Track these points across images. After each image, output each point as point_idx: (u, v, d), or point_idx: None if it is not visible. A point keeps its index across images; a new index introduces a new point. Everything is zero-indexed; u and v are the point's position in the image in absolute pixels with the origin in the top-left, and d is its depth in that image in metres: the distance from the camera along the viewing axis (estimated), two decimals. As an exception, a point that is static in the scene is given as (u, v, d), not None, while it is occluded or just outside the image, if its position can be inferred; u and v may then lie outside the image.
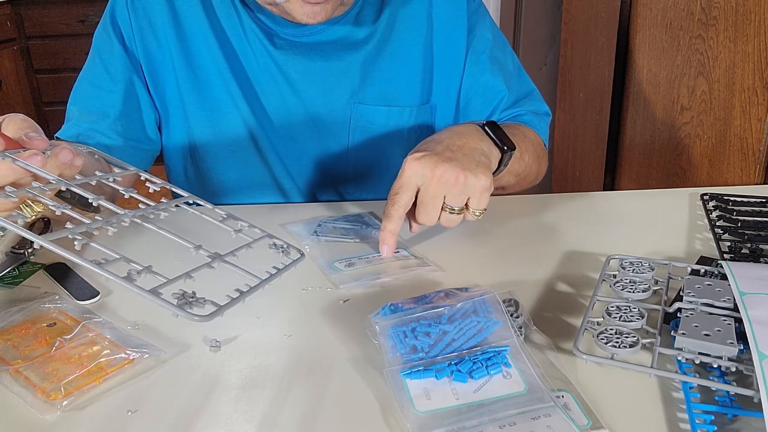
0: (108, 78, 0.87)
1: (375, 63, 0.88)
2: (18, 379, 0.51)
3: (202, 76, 0.87)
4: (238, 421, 0.47)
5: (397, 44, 0.88)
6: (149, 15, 0.86)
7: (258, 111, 0.89)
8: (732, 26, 1.48)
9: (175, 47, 0.86)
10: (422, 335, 0.53)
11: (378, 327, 0.54)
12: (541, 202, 0.87)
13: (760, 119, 1.46)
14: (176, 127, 0.91)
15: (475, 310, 0.55)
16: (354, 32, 0.86)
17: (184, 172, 0.95)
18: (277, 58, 0.86)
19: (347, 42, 0.87)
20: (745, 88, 1.47)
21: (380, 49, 0.88)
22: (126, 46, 0.87)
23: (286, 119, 0.89)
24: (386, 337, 0.53)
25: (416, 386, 0.48)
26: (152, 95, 0.90)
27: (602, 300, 0.58)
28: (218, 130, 0.90)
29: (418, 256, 0.71)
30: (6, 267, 0.70)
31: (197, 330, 0.58)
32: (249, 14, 0.85)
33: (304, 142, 0.91)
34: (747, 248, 0.68)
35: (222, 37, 0.86)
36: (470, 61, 0.89)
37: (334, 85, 0.88)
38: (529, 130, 0.88)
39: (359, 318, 0.59)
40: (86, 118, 0.86)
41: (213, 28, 0.86)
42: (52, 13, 3.31)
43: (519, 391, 0.48)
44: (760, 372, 0.43)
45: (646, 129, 1.81)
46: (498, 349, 0.51)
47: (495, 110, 0.91)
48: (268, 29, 0.86)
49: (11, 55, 3.26)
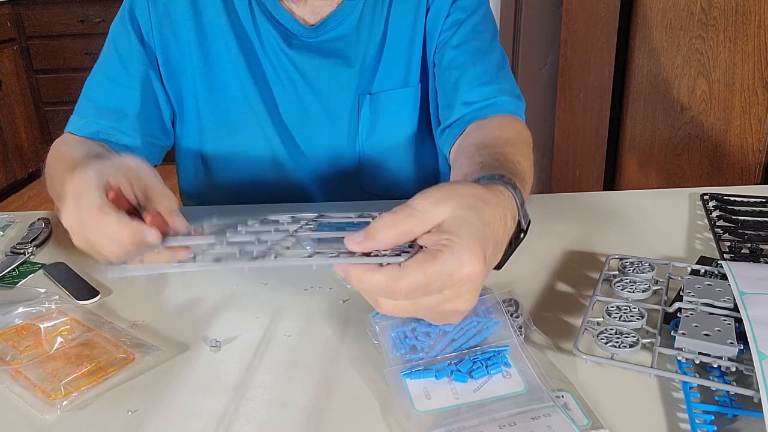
0: (125, 73, 0.86)
1: (382, 48, 0.88)
2: (18, 379, 0.51)
3: (219, 74, 0.87)
4: (238, 421, 0.47)
5: (399, 24, 0.88)
6: (170, 10, 0.85)
7: (272, 111, 0.89)
8: (732, 26, 1.48)
9: (195, 44, 0.86)
10: (422, 335, 0.53)
11: (378, 327, 0.54)
12: (541, 202, 0.87)
13: (760, 119, 1.46)
14: (189, 124, 0.91)
15: (475, 310, 0.55)
16: (362, 22, 0.86)
17: (194, 171, 0.95)
18: (293, 58, 0.86)
19: (356, 34, 0.86)
20: (745, 88, 1.47)
21: (389, 34, 0.88)
22: (144, 41, 0.86)
23: (302, 119, 0.89)
24: (386, 337, 0.53)
25: (416, 386, 0.48)
26: (167, 91, 0.89)
27: (602, 300, 0.58)
28: (231, 129, 0.90)
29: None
30: (6, 267, 0.70)
31: (197, 330, 0.58)
32: (264, 13, 0.85)
33: (319, 140, 0.91)
34: (747, 248, 0.68)
35: (242, 36, 0.86)
36: (447, 22, 0.88)
37: (350, 79, 0.88)
38: (523, 145, 0.75)
39: (359, 318, 0.59)
40: (105, 116, 0.85)
41: (233, 27, 0.86)
42: (52, 13, 3.31)
43: (519, 390, 0.48)
44: (760, 372, 0.43)
45: (646, 129, 1.81)
46: (498, 348, 0.51)
47: (460, 81, 0.86)
48: (283, 29, 0.86)
49: (11, 55, 3.26)
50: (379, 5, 0.86)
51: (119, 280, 0.68)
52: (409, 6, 0.87)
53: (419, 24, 0.87)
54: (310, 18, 0.85)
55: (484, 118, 0.82)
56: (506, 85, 0.86)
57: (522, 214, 0.56)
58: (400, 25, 0.87)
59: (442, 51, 0.87)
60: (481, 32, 0.88)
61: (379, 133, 0.91)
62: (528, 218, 0.58)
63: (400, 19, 0.87)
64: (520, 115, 0.84)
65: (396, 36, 0.87)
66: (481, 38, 0.88)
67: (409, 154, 0.94)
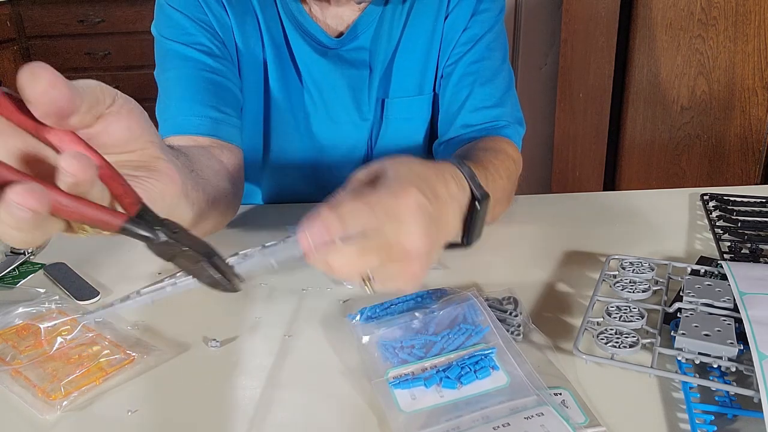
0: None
1: (401, 54, 0.87)
2: (18, 379, 0.51)
3: (252, 79, 0.86)
4: (238, 420, 0.47)
5: (417, 31, 0.87)
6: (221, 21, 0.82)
7: (301, 120, 0.89)
8: (732, 26, 1.48)
9: (241, 48, 0.84)
10: (409, 348, 0.52)
11: (366, 339, 0.54)
12: (541, 202, 0.87)
13: (760, 119, 1.46)
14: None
15: (464, 317, 0.55)
16: (380, 30, 0.86)
17: None
18: (323, 67, 0.85)
19: (376, 40, 0.86)
20: (745, 88, 1.47)
21: (404, 40, 0.87)
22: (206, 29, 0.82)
23: (329, 126, 0.89)
24: (375, 348, 0.53)
25: (404, 395, 0.48)
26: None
27: (602, 300, 0.58)
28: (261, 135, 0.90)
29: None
30: (6, 267, 0.71)
31: (197, 330, 0.58)
32: (292, 23, 0.84)
33: (342, 146, 0.91)
34: (747, 248, 0.68)
35: (277, 43, 0.84)
36: (462, 41, 0.87)
37: (372, 85, 0.87)
38: (502, 155, 0.76)
39: (359, 318, 0.59)
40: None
41: (270, 36, 0.84)
42: (52, 13, 3.31)
43: (501, 384, 0.48)
44: (760, 372, 0.43)
45: (646, 129, 1.81)
46: (485, 351, 0.51)
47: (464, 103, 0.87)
48: (311, 40, 0.84)
49: (11, 55, 3.26)
50: (398, 11, 0.85)
51: (119, 280, 0.69)
52: (428, 12, 0.86)
53: (437, 31, 0.87)
54: (333, 23, 0.84)
55: (478, 139, 0.83)
56: (509, 109, 0.87)
57: (472, 184, 0.57)
58: (417, 33, 0.87)
59: (453, 66, 0.87)
60: (494, 50, 0.88)
61: (390, 139, 0.91)
62: (483, 190, 0.57)
63: (418, 26, 0.86)
64: (515, 139, 0.85)
65: (413, 43, 0.87)
66: (493, 57, 0.88)
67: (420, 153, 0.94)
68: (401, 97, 0.89)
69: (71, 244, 0.76)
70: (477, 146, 0.77)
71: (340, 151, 0.92)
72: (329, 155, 0.92)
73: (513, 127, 0.85)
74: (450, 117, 0.87)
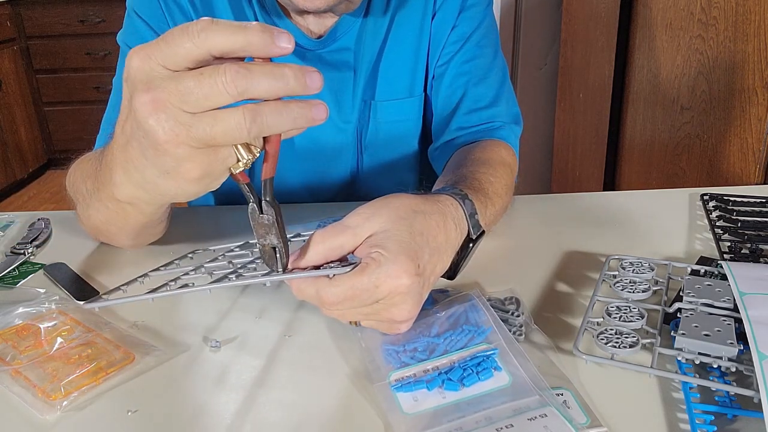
0: None
1: (387, 56, 0.86)
2: (18, 379, 0.51)
3: None
4: (238, 421, 0.47)
5: (403, 32, 0.86)
6: (177, 22, 0.82)
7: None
8: (732, 26, 1.48)
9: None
10: (412, 351, 0.52)
11: (364, 344, 0.54)
12: (541, 202, 0.87)
13: (760, 119, 1.46)
14: None
15: (467, 317, 0.55)
16: (363, 31, 0.85)
17: None
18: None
19: (360, 41, 0.85)
20: (745, 88, 1.47)
21: (390, 42, 0.86)
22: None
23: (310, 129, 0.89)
24: (377, 351, 0.53)
25: (406, 397, 0.48)
26: None
27: (602, 300, 0.58)
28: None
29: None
30: (6, 267, 0.71)
31: (197, 330, 0.58)
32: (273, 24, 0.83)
33: (327, 149, 0.90)
34: (747, 248, 0.68)
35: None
36: (451, 40, 0.86)
37: (356, 88, 0.86)
38: (500, 167, 0.75)
39: (359, 318, 0.59)
40: None
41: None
42: (52, 13, 3.31)
43: (504, 384, 0.48)
44: (760, 372, 0.43)
45: (646, 129, 1.81)
46: (487, 353, 0.51)
47: (458, 105, 0.86)
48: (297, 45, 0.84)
49: (11, 55, 3.26)
50: (381, 12, 0.84)
51: (119, 280, 0.68)
52: (414, 12, 0.85)
53: (425, 31, 0.86)
54: (315, 28, 0.83)
55: (473, 141, 0.82)
56: (503, 107, 0.86)
57: (471, 223, 0.59)
58: (404, 33, 0.85)
59: (444, 67, 0.86)
60: (485, 47, 0.87)
61: (382, 143, 0.90)
62: (480, 228, 0.60)
63: (404, 25, 0.85)
64: (511, 140, 0.84)
65: (399, 43, 0.86)
66: (485, 54, 0.87)
67: (411, 163, 0.94)
68: (390, 100, 0.88)
69: (71, 244, 0.76)
70: (474, 159, 0.75)
71: (325, 155, 0.90)
72: (312, 159, 0.90)
73: (509, 127, 0.85)
74: (444, 120, 0.86)
